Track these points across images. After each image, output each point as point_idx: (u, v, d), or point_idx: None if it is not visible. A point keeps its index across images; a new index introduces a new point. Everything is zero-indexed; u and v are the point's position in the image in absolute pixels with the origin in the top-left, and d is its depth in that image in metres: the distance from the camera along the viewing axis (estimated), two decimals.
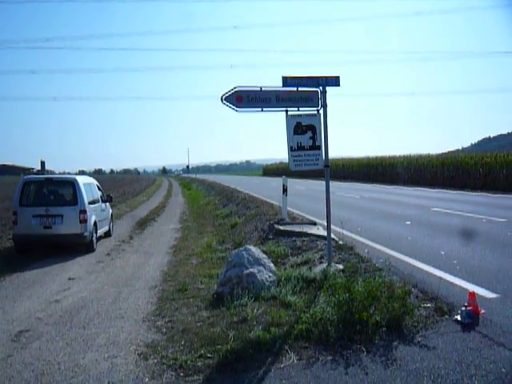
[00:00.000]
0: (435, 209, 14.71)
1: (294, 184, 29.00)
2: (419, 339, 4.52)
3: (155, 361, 4.63)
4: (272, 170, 72.78)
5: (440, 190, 23.27)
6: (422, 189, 25.15)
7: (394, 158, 38.27)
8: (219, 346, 4.69)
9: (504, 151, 27.76)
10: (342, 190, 25.47)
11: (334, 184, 30.36)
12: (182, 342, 5.00)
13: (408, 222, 11.99)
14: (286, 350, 4.48)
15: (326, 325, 4.79)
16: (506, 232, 9.91)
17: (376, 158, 41.34)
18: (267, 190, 29.55)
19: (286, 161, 7.49)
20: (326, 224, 11.58)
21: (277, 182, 38.24)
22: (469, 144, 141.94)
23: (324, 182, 7.29)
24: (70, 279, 8.74)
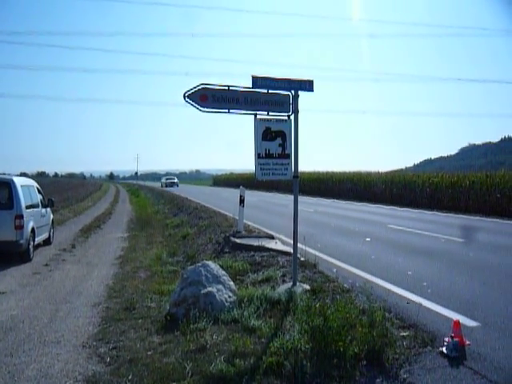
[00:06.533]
0: (392, 226, 14.51)
1: (245, 195, 28.40)
2: (404, 376, 3.98)
3: None
4: (222, 181, 71.93)
5: (391, 207, 23.34)
6: (372, 205, 25.19)
7: (344, 173, 38.39)
8: None
9: (445, 172, 28.43)
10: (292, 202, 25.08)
11: (285, 197, 30.21)
12: (130, 377, 4.22)
13: (368, 239, 11.64)
14: None
15: (300, 357, 4.18)
16: (468, 253, 9.69)
17: (326, 173, 41.38)
18: (219, 200, 28.86)
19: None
20: (283, 238, 11.24)
21: (228, 193, 37.81)
22: (412, 164, 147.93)
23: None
24: None
